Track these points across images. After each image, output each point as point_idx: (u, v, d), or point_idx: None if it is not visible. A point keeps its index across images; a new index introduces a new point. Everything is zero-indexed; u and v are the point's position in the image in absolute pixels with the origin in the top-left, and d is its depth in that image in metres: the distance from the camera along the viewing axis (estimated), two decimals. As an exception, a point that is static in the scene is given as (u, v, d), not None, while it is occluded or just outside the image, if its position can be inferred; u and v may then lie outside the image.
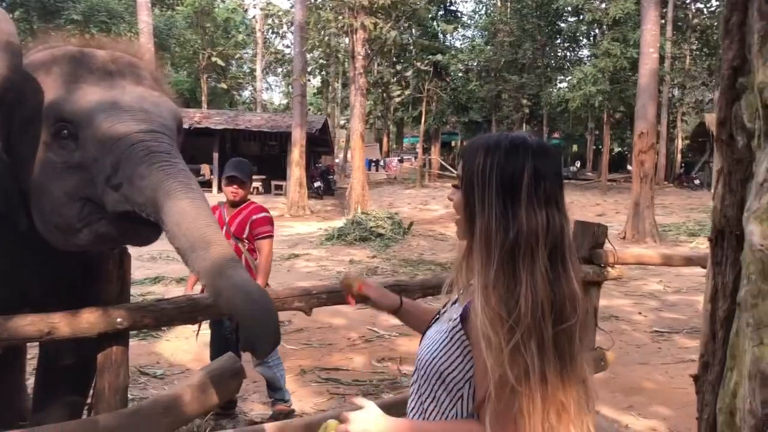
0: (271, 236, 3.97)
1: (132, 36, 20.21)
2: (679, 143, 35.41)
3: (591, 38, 31.92)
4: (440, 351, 1.30)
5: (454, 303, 1.37)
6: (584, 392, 1.28)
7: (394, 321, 6.16)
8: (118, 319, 2.33)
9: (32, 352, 3.12)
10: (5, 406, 3.09)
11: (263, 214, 3.98)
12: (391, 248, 12.24)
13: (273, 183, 22.50)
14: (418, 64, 28.74)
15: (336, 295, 2.83)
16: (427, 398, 1.34)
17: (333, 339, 5.71)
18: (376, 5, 14.95)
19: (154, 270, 8.80)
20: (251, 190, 4.18)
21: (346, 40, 19.27)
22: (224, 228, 3.92)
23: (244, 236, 3.91)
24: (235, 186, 3.92)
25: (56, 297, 2.36)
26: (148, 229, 2.09)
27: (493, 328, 1.17)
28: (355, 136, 14.74)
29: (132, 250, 2.75)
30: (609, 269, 3.63)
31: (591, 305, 3.67)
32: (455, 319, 1.30)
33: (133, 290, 3.85)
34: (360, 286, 1.85)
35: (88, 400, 2.75)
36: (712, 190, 1.40)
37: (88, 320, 2.29)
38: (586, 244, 3.60)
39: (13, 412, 2.94)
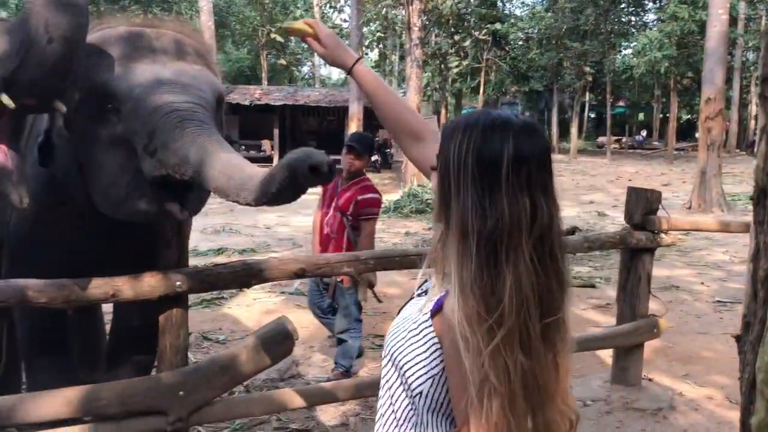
0: (375, 217, 4.07)
1: (193, 15, 20.60)
2: (753, 109, 33.87)
3: (657, 2, 30.71)
4: (405, 342, 1.19)
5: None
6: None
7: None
8: (177, 283, 2.47)
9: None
10: (94, 363, 3.31)
11: (371, 195, 4.04)
12: (447, 220, 12.25)
13: (331, 157, 22.66)
14: (477, 33, 28.27)
15: (383, 260, 2.91)
16: (394, 386, 1.23)
17: (387, 308, 5.78)
18: (431, -25, 14.88)
19: (218, 242, 9.07)
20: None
21: (403, 11, 19.13)
22: (334, 199, 4.06)
23: (349, 213, 4.00)
24: (351, 156, 4.03)
25: (119, 262, 2.51)
26: (178, 197, 2.17)
27: (471, 328, 1.07)
28: (411, 108, 14.74)
29: (196, 224, 2.90)
30: (662, 236, 3.58)
31: (644, 272, 3.64)
32: (426, 313, 1.18)
33: (198, 261, 4.02)
34: (314, 24, 1.65)
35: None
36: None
37: (150, 283, 2.43)
38: (640, 210, 3.57)
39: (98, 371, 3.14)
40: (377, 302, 4.32)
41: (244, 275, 2.62)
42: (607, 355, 4.05)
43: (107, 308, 3.06)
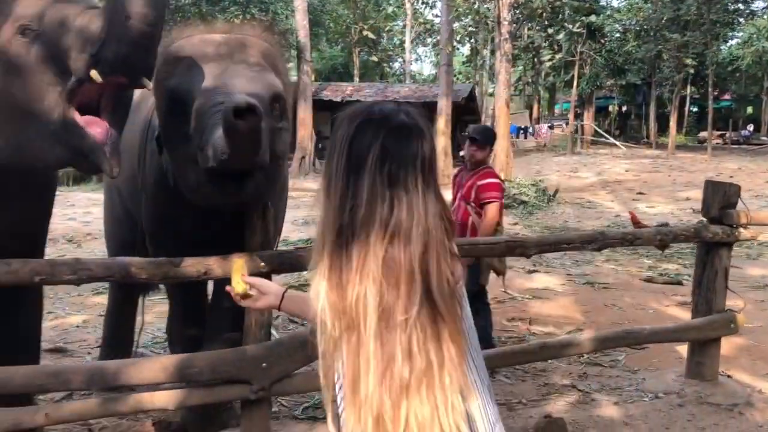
0: (497, 201, 4.06)
1: (288, 14, 21.27)
2: None
3: (767, -12, 29.01)
4: None
5: None
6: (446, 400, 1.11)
7: (529, 284, 6.24)
8: (262, 263, 2.70)
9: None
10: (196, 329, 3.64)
11: (491, 180, 4.12)
12: (534, 215, 12.17)
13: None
14: (571, 26, 27.65)
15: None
16: None
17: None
18: (521, -32, 14.74)
19: (307, 233, 9.46)
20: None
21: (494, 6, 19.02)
22: (459, 191, 4.20)
23: (471, 200, 4.10)
24: (474, 147, 4.17)
25: (211, 244, 2.79)
26: (233, 185, 2.42)
27: (330, 316, 1.12)
28: (499, 103, 14.65)
29: (288, 215, 3.14)
30: (741, 230, 3.53)
31: (720, 267, 3.60)
32: None
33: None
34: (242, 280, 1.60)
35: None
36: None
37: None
38: (717, 203, 3.54)
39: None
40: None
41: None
42: (685, 350, 4.01)
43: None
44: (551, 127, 33.26)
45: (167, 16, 2.29)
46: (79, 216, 11.18)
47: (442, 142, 18.52)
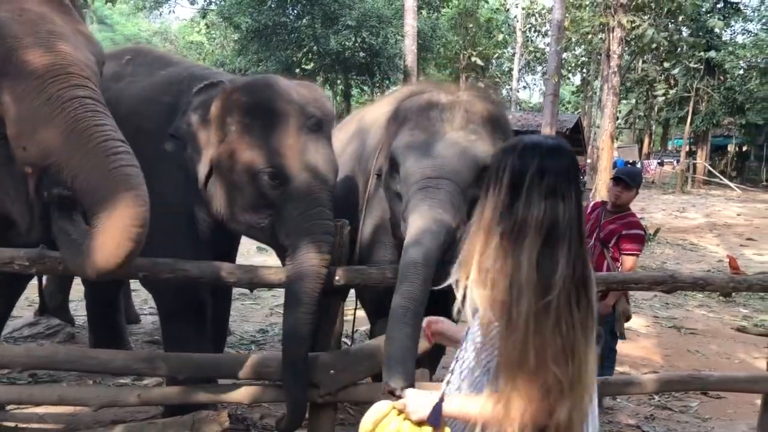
0: (637, 254, 4.08)
1: (398, 39, 21.79)
2: None
3: None
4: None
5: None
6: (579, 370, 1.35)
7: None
8: (336, 277, 2.92)
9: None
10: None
11: (636, 231, 4.06)
12: (631, 254, 11.83)
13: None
14: (688, 61, 26.65)
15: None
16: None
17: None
18: (635, 2, 14.39)
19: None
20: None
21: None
22: (595, 230, 4.09)
23: (610, 245, 4.04)
24: (619, 188, 4.09)
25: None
26: None
27: (490, 308, 1.38)
28: (603, 136, 14.32)
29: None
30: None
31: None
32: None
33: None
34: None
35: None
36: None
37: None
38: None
39: None
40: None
41: (392, 277, 3.00)
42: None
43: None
44: (661, 164, 32.06)
45: None
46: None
47: (543, 172, 18.25)
